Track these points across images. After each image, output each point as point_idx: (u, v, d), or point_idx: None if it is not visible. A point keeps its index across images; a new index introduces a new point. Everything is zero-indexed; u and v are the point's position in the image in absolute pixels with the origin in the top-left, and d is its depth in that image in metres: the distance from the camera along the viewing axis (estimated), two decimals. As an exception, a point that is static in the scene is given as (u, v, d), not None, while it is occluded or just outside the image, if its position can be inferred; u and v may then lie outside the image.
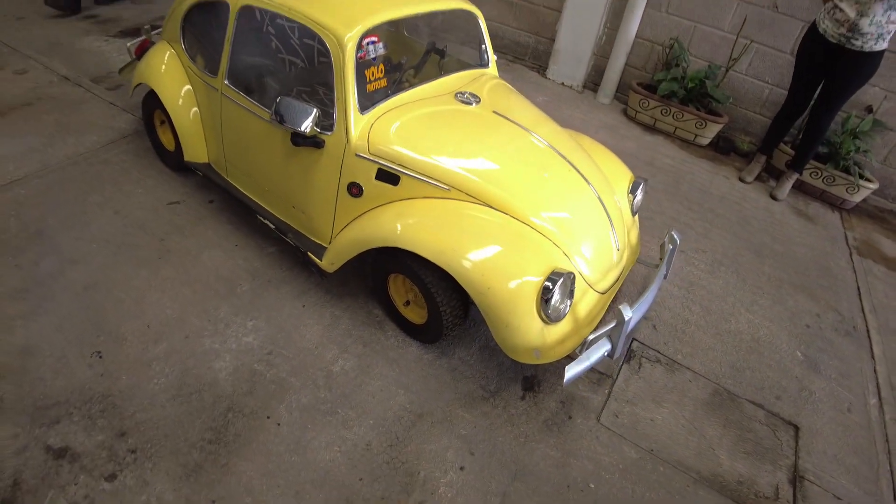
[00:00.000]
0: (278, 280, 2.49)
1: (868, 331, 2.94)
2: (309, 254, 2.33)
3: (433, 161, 2.07)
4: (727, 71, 4.19)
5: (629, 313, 1.93)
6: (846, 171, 3.83)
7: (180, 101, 2.74)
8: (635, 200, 2.55)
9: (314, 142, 2.13)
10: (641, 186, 2.57)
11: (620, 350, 2.02)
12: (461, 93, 2.38)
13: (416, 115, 2.20)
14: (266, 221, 2.51)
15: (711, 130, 4.22)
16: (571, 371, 1.90)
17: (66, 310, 2.20)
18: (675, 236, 2.43)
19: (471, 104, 2.33)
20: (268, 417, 1.95)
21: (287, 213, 2.47)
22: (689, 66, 4.26)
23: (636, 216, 2.65)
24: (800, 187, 4.03)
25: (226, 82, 2.46)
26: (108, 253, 2.49)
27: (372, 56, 2.22)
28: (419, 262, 2.03)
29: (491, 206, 2.05)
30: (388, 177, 2.10)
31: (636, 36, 4.45)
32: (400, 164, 2.08)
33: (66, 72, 3.91)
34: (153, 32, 3.22)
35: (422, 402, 2.10)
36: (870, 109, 3.93)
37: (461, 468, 1.92)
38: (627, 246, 2.43)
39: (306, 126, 2.04)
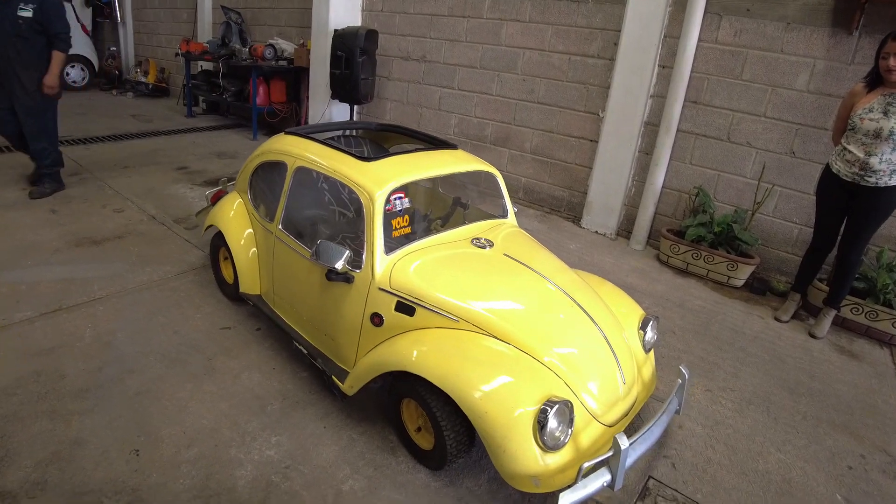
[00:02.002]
0: (305, 402, 2.69)
1: (924, 475, 2.73)
2: (333, 377, 2.55)
3: (444, 296, 2.32)
4: (753, 214, 4.37)
5: (625, 442, 1.98)
6: (888, 305, 3.75)
7: (242, 241, 3.22)
8: (646, 337, 2.66)
9: (345, 278, 2.47)
10: (652, 323, 2.69)
11: (621, 481, 2.04)
12: (477, 238, 2.69)
13: (434, 256, 2.52)
14: (300, 347, 2.78)
15: (744, 272, 4.30)
16: (566, 499, 1.92)
17: (117, 411, 2.50)
18: (684, 370, 2.50)
19: (485, 248, 2.63)
20: (274, 527, 2.05)
21: (319, 340, 2.75)
22: (714, 211, 4.48)
23: (651, 352, 2.74)
24: (842, 324, 3.94)
25: (279, 227, 2.90)
26: (162, 366, 2.83)
27: (399, 209, 2.60)
28: (427, 387, 2.18)
29: (495, 337, 2.24)
30: (405, 308, 2.36)
31: (663, 186, 4.77)
32: (416, 298, 2.33)
33: (155, 212, 4.66)
34: (229, 184, 3.85)
35: (424, 529, 2.13)
36: (904, 246, 3.93)
37: None
38: (637, 381, 2.50)
39: (339, 264, 2.39)
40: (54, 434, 2.32)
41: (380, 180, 2.51)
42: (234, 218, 3.32)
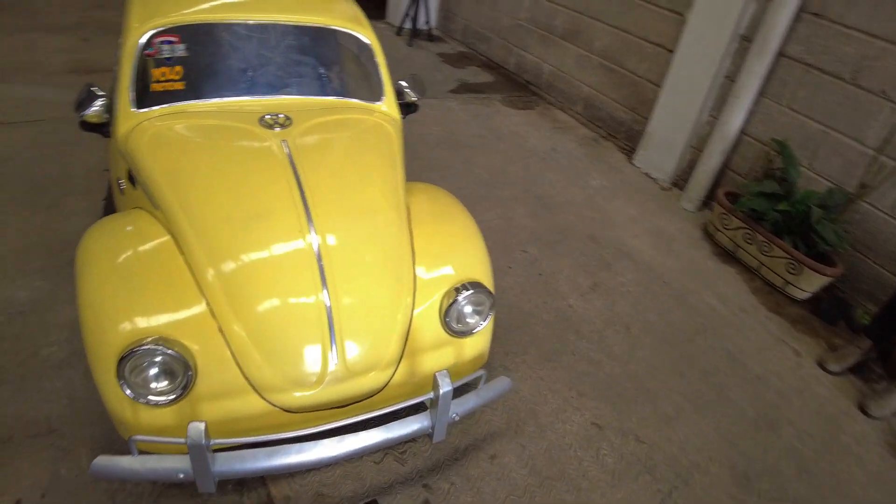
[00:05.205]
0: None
1: None
2: None
3: (156, 175, 1.79)
4: (852, 202, 2.81)
5: (199, 434, 1.32)
6: None
7: None
8: (451, 311, 1.75)
9: (100, 130, 2.05)
10: (467, 296, 1.74)
11: (209, 484, 1.41)
12: (274, 115, 2.01)
13: (187, 123, 1.98)
14: None
15: (811, 282, 2.86)
16: (106, 468, 1.39)
17: None
18: (441, 380, 1.58)
19: (272, 128, 1.96)
20: None
21: None
22: (797, 180, 2.97)
23: (469, 338, 1.82)
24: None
25: None
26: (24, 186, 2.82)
27: (165, 55, 2.03)
28: None
29: (176, 242, 1.66)
30: (132, 179, 1.91)
31: (742, 131, 3.29)
32: (135, 168, 1.86)
33: None
34: None
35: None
36: None
37: None
38: (392, 368, 1.68)
39: (86, 112, 1.99)
40: None
41: (150, 16, 2.01)
42: None
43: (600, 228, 3.26)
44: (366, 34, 2.27)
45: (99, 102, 2.00)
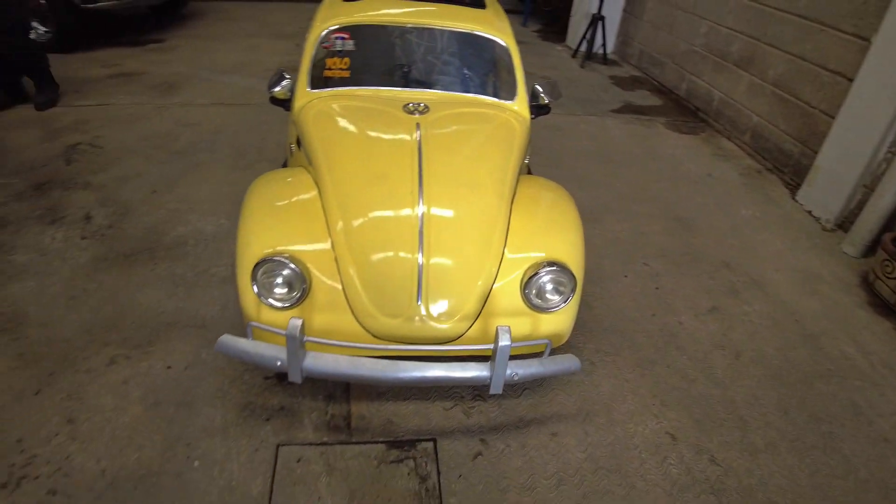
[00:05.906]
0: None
1: None
2: None
3: (313, 140, 2.24)
4: None
5: (296, 330, 1.63)
6: None
7: None
8: (530, 283, 1.90)
9: (285, 105, 2.60)
10: (545, 273, 1.88)
11: (297, 375, 1.71)
12: (415, 103, 2.38)
13: (347, 104, 2.43)
14: None
15: None
16: (227, 344, 1.73)
17: (174, 167, 3.54)
18: (502, 331, 1.70)
19: (412, 114, 2.31)
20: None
21: None
22: (982, 233, 2.55)
23: (547, 314, 1.94)
24: None
25: None
26: (227, 155, 3.57)
27: (337, 48, 2.51)
28: None
29: (319, 195, 2.05)
30: (299, 143, 2.40)
31: (925, 171, 2.90)
32: (302, 134, 2.33)
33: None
34: None
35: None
36: None
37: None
38: (466, 321, 1.87)
39: (274, 89, 2.56)
40: (134, 165, 3.53)
41: (330, 17, 2.52)
42: None
43: (738, 257, 3.09)
44: (507, 41, 2.53)
45: (284, 83, 2.54)
